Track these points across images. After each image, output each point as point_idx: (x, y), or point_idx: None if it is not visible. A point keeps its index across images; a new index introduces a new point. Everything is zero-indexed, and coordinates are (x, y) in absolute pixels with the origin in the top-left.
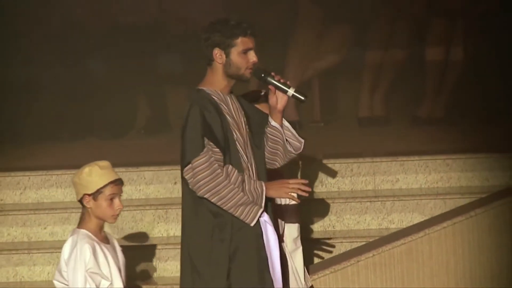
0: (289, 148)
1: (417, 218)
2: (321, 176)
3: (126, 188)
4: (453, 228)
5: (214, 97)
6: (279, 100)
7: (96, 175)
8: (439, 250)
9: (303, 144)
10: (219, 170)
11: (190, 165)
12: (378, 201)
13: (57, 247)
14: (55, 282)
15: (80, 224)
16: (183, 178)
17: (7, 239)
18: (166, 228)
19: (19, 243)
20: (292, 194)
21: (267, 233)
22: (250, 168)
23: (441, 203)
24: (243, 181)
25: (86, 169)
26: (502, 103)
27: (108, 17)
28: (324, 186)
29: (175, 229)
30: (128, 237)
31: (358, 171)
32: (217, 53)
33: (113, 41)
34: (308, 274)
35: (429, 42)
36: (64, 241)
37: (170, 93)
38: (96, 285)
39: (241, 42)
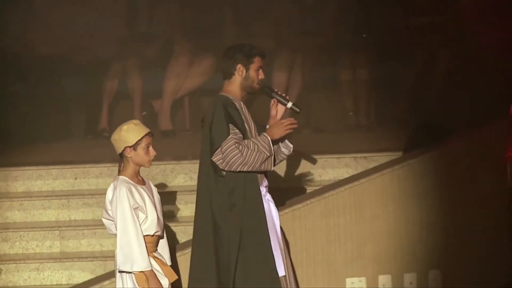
0: (282, 150)
1: None
2: (190, 172)
3: (37, 182)
4: (293, 213)
5: (233, 101)
6: (278, 111)
7: (133, 130)
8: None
9: (291, 148)
10: (242, 146)
11: (220, 149)
12: None
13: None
14: (103, 220)
15: (120, 172)
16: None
17: None
18: (69, 214)
19: None
20: (288, 129)
21: (270, 208)
22: None
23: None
24: (255, 143)
25: (125, 127)
26: (327, 117)
27: (33, 47)
28: (193, 180)
29: (75, 215)
30: (37, 222)
31: None
32: (240, 67)
33: (35, 67)
34: (176, 252)
35: (275, 69)
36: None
37: (73, 108)
38: (137, 217)
39: (257, 61)
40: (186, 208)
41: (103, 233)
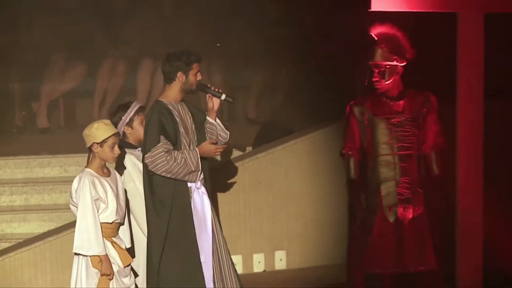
0: (220, 133)
1: None
2: (65, 165)
3: None
4: None
5: (169, 106)
6: (214, 103)
7: (102, 129)
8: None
9: (228, 134)
10: (170, 157)
11: (149, 153)
12: None
13: None
14: (70, 206)
15: (87, 164)
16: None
17: None
18: None
19: None
20: (216, 152)
21: (202, 200)
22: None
23: None
24: (185, 158)
25: (95, 125)
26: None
27: None
28: (67, 172)
29: None
30: None
31: None
32: (180, 75)
33: None
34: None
35: (139, 75)
36: None
37: None
38: (97, 207)
39: (195, 67)
40: (61, 197)
41: None
